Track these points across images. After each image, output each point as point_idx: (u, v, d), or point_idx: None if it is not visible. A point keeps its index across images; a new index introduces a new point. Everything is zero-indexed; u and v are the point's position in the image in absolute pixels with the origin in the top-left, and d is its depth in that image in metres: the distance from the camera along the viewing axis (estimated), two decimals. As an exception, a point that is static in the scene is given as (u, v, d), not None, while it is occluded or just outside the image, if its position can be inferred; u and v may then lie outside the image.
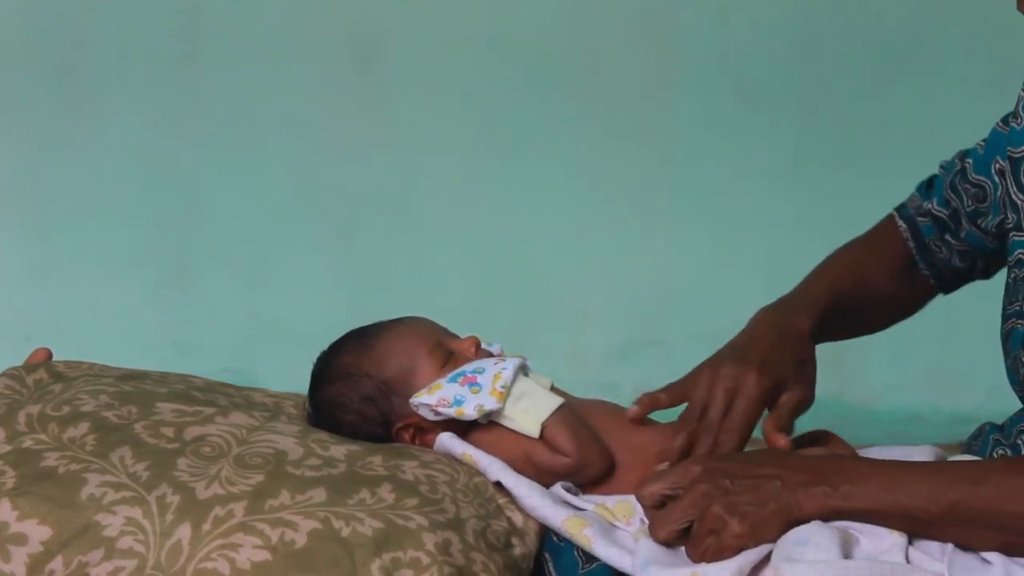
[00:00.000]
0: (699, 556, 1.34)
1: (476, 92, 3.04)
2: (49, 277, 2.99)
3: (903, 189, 3.17)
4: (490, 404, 1.47)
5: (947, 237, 1.69)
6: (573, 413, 1.50)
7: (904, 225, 1.73)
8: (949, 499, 1.29)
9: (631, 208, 3.07)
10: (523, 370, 1.52)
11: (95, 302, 2.98)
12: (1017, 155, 1.52)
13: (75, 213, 2.98)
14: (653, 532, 1.36)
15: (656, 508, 1.37)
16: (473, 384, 1.48)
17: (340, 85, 3.03)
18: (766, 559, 1.31)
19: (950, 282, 1.73)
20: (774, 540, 1.32)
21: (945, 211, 1.67)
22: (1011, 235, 1.53)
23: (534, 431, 1.47)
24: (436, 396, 1.48)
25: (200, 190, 3.01)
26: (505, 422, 1.48)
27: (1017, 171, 1.52)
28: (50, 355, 1.59)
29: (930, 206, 1.69)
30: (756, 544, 1.33)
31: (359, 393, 1.54)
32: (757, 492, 1.32)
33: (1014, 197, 1.53)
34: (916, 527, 1.31)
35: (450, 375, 1.51)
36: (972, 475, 1.30)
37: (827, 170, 3.08)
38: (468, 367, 1.51)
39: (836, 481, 1.32)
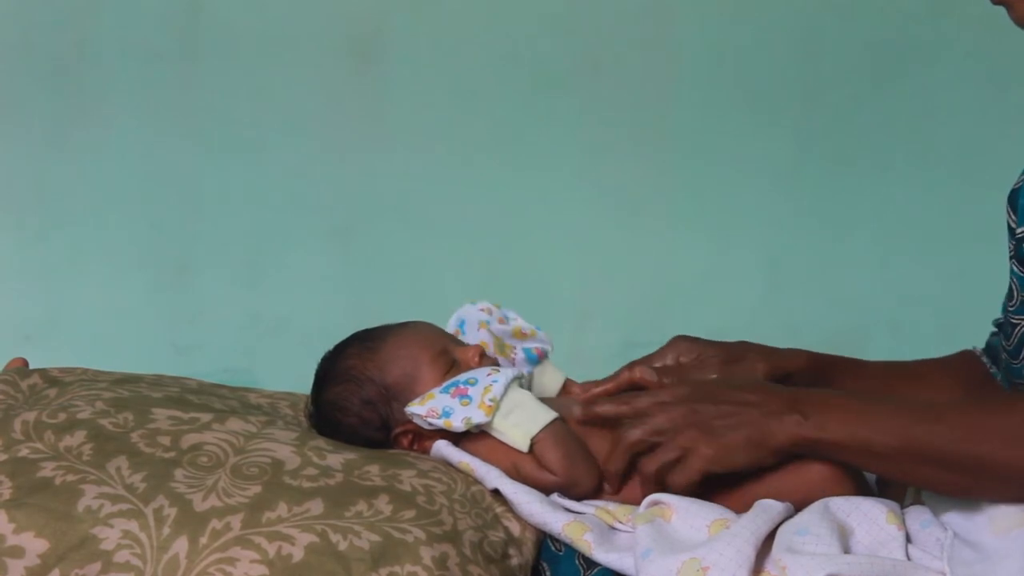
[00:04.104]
0: (655, 472, 1.39)
1: (476, 92, 3.03)
2: (49, 277, 2.98)
3: (904, 188, 3.17)
4: (478, 417, 1.45)
5: None
6: (565, 429, 1.48)
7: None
8: (909, 436, 1.32)
9: (631, 208, 3.06)
10: (519, 381, 1.51)
11: (95, 302, 2.98)
12: (1017, 185, 1.50)
13: (75, 213, 2.98)
14: (622, 440, 1.42)
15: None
16: (464, 396, 1.47)
17: (339, 84, 3.02)
18: (767, 549, 1.31)
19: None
20: (741, 467, 1.38)
21: None
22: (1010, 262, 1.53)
23: (523, 446, 1.46)
24: (427, 406, 1.47)
25: (200, 190, 3.00)
26: (495, 434, 1.47)
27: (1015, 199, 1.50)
28: (26, 364, 1.59)
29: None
30: (721, 469, 1.38)
31: (360, 397, 1.54)
32: (733, 417, 1.37)
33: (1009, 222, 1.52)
34: (876, 462, 1.36)
35: (444, 385, 1.50)
36: (931, 414, 1.33)
37: (828, 170, 3.08)
38: (462, 377, 1.50)
39: (809, 411, 1.36)
